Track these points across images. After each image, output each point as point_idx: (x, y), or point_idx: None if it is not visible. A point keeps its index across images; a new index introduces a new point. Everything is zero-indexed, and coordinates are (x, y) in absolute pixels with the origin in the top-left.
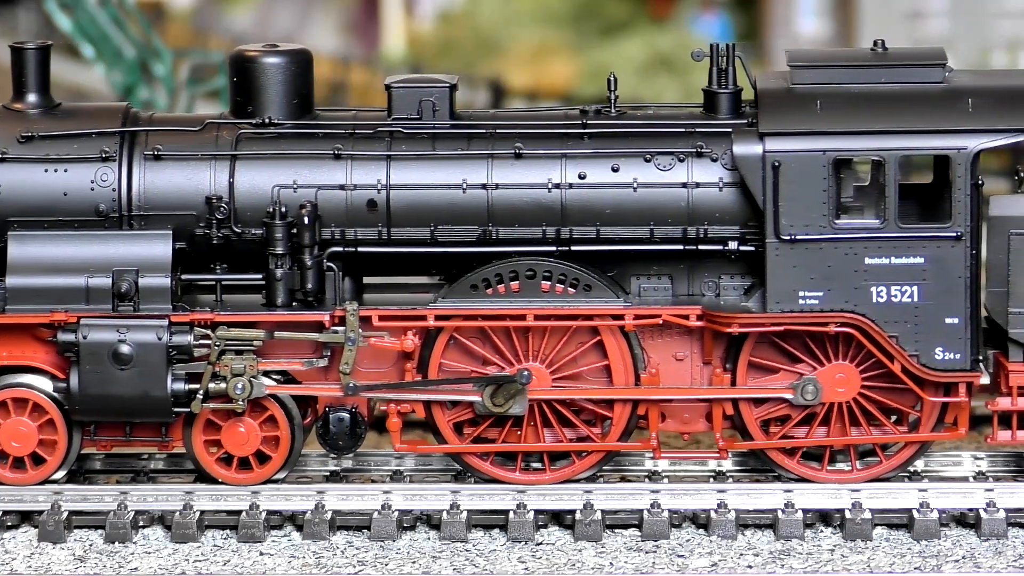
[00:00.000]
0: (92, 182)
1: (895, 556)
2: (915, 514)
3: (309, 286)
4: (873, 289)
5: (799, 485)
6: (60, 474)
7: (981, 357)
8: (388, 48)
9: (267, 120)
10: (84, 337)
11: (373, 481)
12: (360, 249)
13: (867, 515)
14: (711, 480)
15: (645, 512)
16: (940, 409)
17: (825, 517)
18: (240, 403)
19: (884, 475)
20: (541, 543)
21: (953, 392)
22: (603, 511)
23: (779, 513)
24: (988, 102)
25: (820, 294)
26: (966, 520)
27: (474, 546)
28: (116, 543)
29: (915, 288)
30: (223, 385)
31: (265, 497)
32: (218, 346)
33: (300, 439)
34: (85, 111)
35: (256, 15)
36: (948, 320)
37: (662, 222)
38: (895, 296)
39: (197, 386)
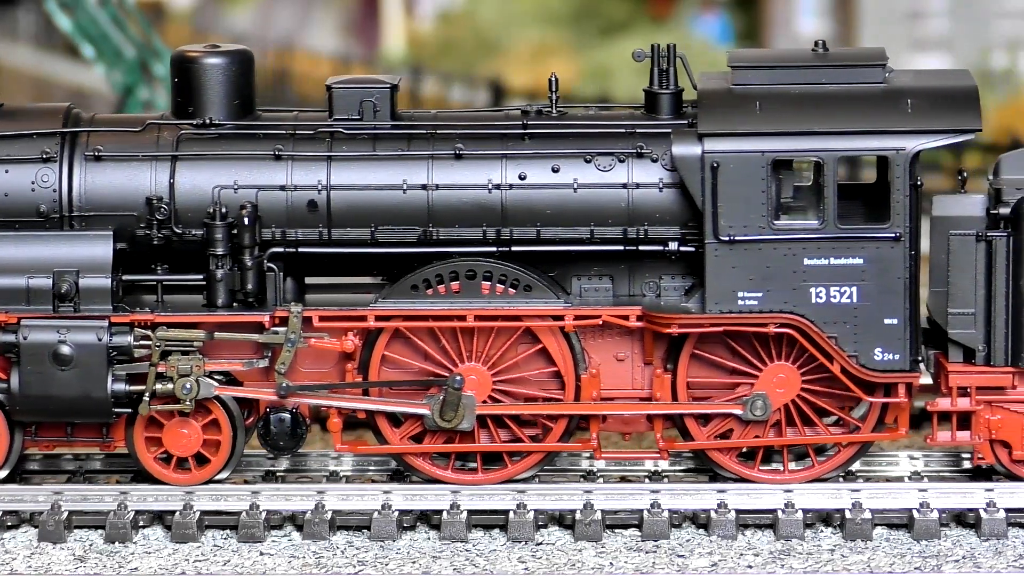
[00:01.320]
0: (33, 183)
1: (895, 556)
2: (915, 514)
3: (249, 287)
4: (812, 290)
5: (799, 485)
6: (1, 474)
7: (921, 358)
8: (388, 48)
9: (208, 121)
10: (24, 338)
11: (374, 481)
12: (301, 250)
13: (867, 515)
14: (710, 480)
15: (645, 512)
16: (881, 409)
17: (825, 517)
18: (187, 403)
19: (824, 475)
20: (541, 543)
21: (893, 393)
22: (603, 511)
23: (779, 513)
24: (928, 103)
25: (759, 295)
26: (966, 520)
27: (474, 546)
28: (116, 543)
29: (854, 289)
30: (170, 386)
31: (265, 497)
32: (159, 347)
33: (242, 439)
34: (27, 112)
35: (256, 15)
36: (887, 321)
37: (602, 223)
38: (834, 297)
39: (140, 387)
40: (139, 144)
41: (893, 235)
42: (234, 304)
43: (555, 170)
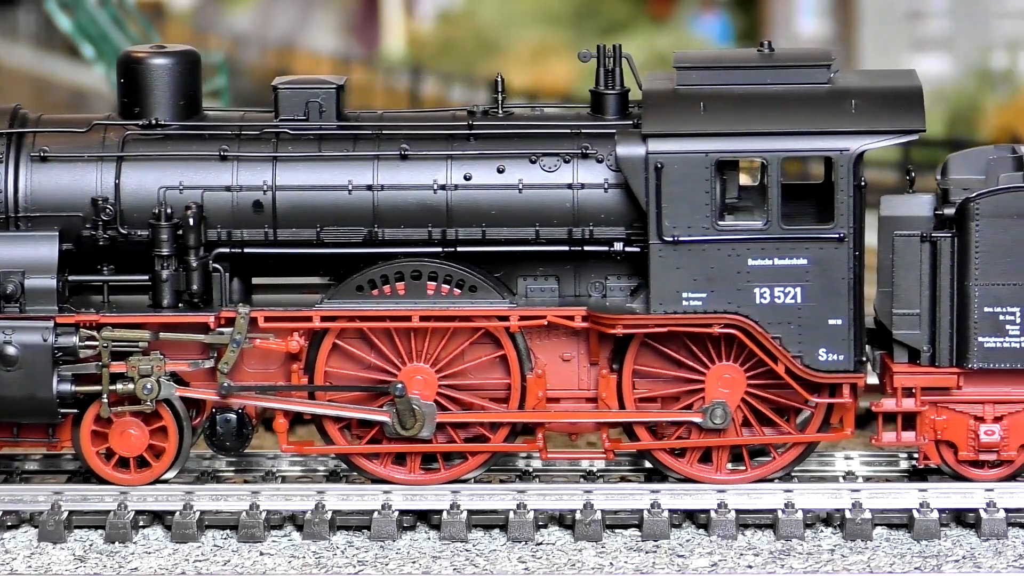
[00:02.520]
0: None
1: (895, 556)
2: (915, 514)
3: (195, 287)
4: (756, 290)
5: (799, 485)
6: None
7: (866, 358)
8: (388, 48)
9: (153, 121)
10: None
11: (374, 482)
12: (246, 250)
13: (867, 515)
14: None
15: (645, 512)
16: (826, 410)
17: (825, 517)
18: (148, 404)
19: (769, 476)
20: (541, 543)
21: (838, 393)
22: (603, 511)
23: (779, 513)
24: (871, 103)
25: (704, 295)
26: (966, 520)
27: (474, 546)
28: (116, 543)
29: (798, 289)
30: (131, 386)
31: (265, 497)
32: (105, 347)
33: (188, 440)
34: None
35: (256, 15)
36: (832, 321)
37: (548, 223)
38: (779, 297)
39: (86, 388)
40: (85, 145)
41: (837, 236)
42: (180, 305)
43: (500, 171)
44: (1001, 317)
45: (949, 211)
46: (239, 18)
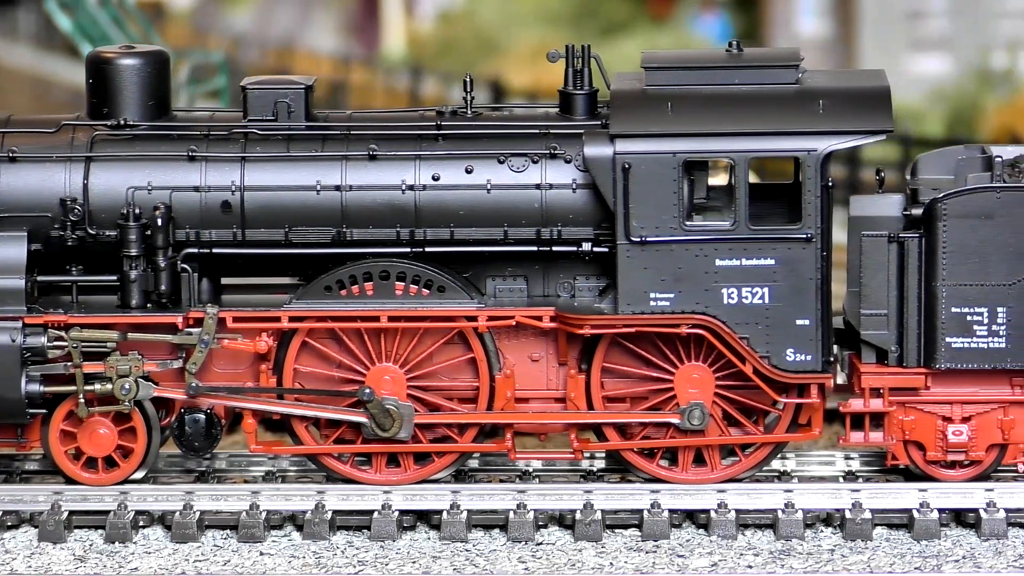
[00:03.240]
0: None
1: (895, 556)
2: (915, 514)
3: (163, 287)
4: (724, 291)
5: (799, 485)
6: None
7: (833, 358)
8: (388, 48)
9: (122, 122)
10: None
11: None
12: (215, 251)
13: (867, 515)
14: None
15: (645, 512)
16: (795, 410)
17: (825, 517)
18: (126, 404)
19: (738, 476)
20: (541, 543)
21: (806, 393)
22: (603, 511)
23: (779, 513)
24: (839, 104)
25: (671, 296)
26: (966, 520)
27: (474, 546)
28: (116, 543)
29: (766, 290)
30: (109, 386)
31: (265, 497)
32: (75, 347)
33: (157, 440)
34: None
35: (256, 15)
36: (799, 321)
37: (516, 223)
38: (746, 298)
39: (55, 388)
40: (54, 145)
41: (804, 236)
42: (148, 305)
43: (468, 171)
44: (969, 318)
45: (917, 211)
46: (239, 18)
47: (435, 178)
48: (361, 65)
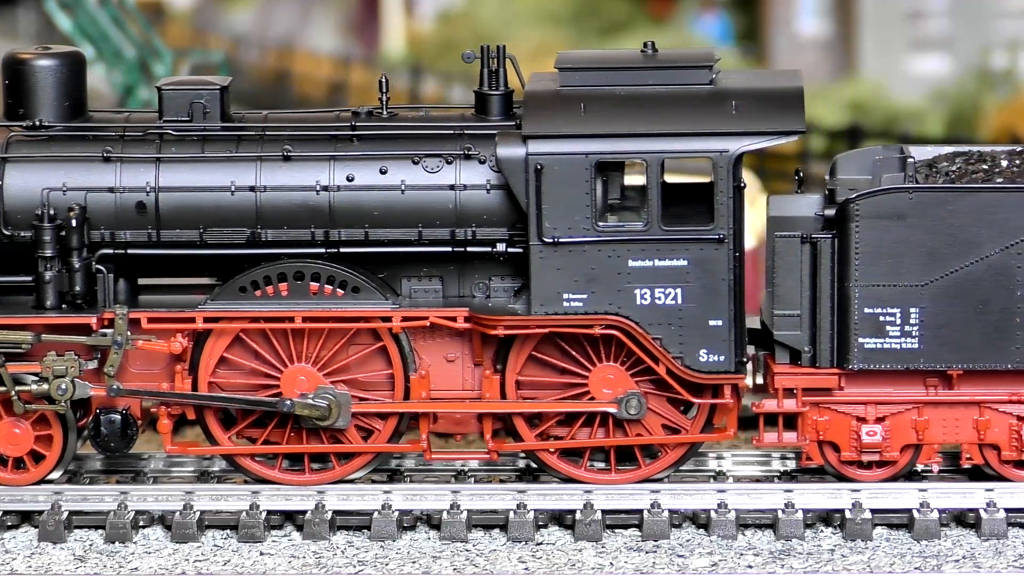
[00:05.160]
0: None
1: (895, 556)
2: (915, 514)
3: (78, 288)
4: (637, 291)
5: (799, 485)
6: None
7: (746, 359)
8: (388, 48)
9: (38, 123)
10: None
11: (374, 481)
12: (130, 251)
13: (867, 515)
14: (712, 480)
15: (645, 512)
16: (710, 410)
17: (825, 517)
18: (63, 404)
19: (654, 476)
20: (541, 543)
21: (720, 394)
22: (603, 511)
23: (779, 513)
24: (752, 104)
25: (584, 296)
26: (966, 520)
27: (474, 546)
28: (116, 543)
29: (679, 290)
30: (45, 386)
31: (265, 497)
32: None
33: (74, 439)
34: None
35: (256, 15)
36: (712, 322)
37: (430, 224)
38: (659, 298)
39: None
40: None
41: (717, 237)
42: (63, 306)
43: (383, 171)
44: (881, 318)
45: (830, 212)
46: (239, 18)
47: (349, 179)
48: (361, 65)
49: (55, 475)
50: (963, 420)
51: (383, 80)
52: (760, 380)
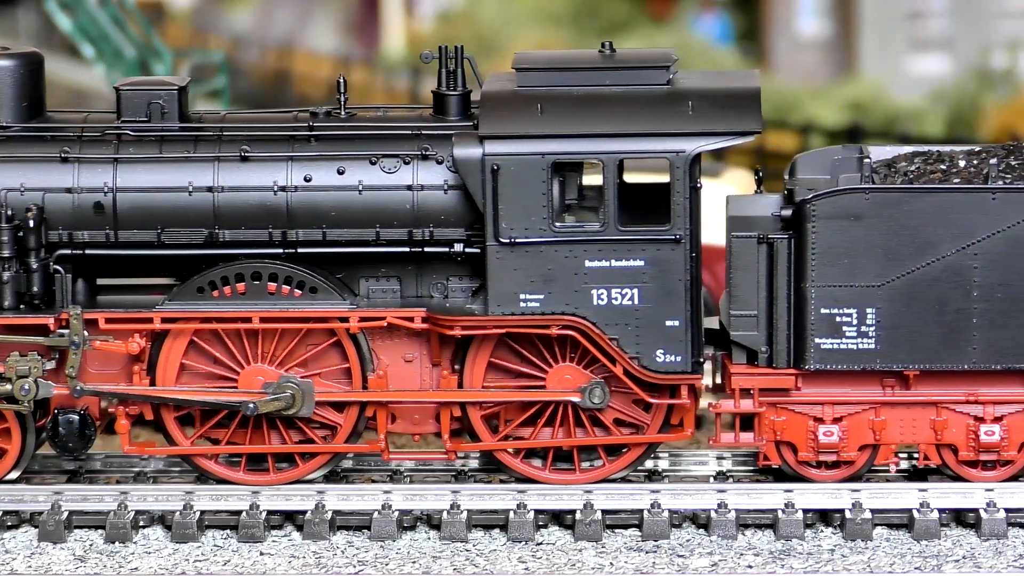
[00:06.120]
0: None
1: (895, 556)
2: (915, 514)
3: (35, 289)
4: (593, 292)
5: (799, 485)
6: None
7: (703, 359)
8: (388, 48)
9: None
10: None
11: (374, 481)
12: (88, 252)
13: (867, 515)
14: (712, 480)
15: (645, 512)
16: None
17: (825, 517)
18: (26, 405)
19: (612, 476)
20: (541, 543)
21: (677, 394)
22: (603, 511)
23: (779, 513)
24: (708, 105)
25: (541, 297)
26: (966, 520)
27: (474, 546)
28: (116, 543)
29: (635, 291)
30: (8, 387)
31: (265, 497)
32: None
33: (32, 439)
34: None
35: (256, 15)
36: (668, 323)
37: (388, 224)
38: (616, 299)
39: None
40: None
41: (673, 237)
42: (21, 306)
43: (340, 172)
44: (838, 319)
45: (787, 212)
46: (239, 18)
47: (307, 179)
48: (361, 65)
49: (13, 475)
50: (920, 420)
51: (341, 80)
52: (718, 380)
